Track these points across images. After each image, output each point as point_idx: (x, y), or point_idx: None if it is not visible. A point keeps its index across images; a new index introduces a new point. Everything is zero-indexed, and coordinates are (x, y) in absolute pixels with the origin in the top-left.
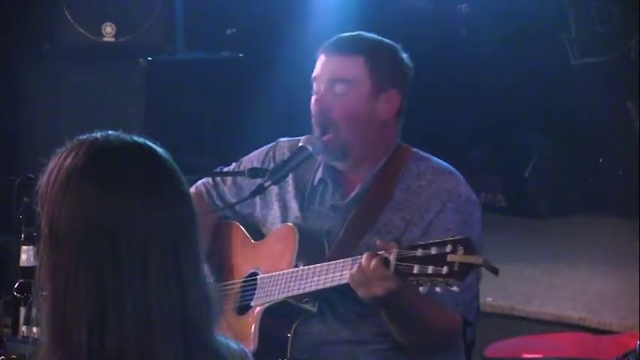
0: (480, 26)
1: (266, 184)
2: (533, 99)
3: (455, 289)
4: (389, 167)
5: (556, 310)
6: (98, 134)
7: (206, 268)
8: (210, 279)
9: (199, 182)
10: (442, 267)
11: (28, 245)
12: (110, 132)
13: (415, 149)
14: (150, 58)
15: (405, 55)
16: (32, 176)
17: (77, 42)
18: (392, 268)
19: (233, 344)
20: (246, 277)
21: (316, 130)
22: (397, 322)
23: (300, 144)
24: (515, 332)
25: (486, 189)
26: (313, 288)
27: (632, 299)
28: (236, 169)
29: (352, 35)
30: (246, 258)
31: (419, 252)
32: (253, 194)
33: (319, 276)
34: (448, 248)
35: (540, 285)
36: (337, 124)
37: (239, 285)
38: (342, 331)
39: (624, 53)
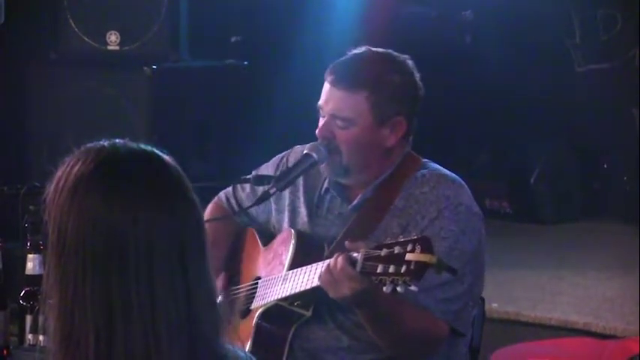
0: (485, 33)
1: (271, 191)
2: (538, 105)
3: (413, 288)
4: (394, 177)
5: (561, 315)
6: (105, 142)
7: (221, 276)
8: (222, 286)
9: (221, 192)
10: (401, 266)
11: (34, 254)
12: (117, 140)
13: (425, 160)
14: (154, 66)
15: (413, 73)
16: (38, 185)
17: (82, 50)
18: (358, 268)
19: (241, 352)
20: (252, 282)
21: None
22: (372, 326)
23: (304, 151)
24: (520, 338)
25: (492, 196)
26: (296, 290)
27: (637, 304)
28: (248, 188)
29: (355, 64)
30: (255, 263)
31: (383, 252)
32: (258, 201)
33: (302, 278)
34: (408, 247)
35: (546, 290)
36: (340, 150)
37: (245, 289)
38: (343, 338)
39: (628, 60)
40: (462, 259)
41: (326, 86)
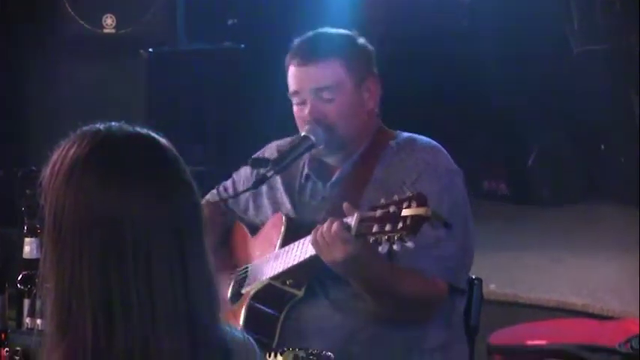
0: (482, 15)
1: (269, 174)
2: (536, 88)
3: (410, 244)
4: (370, 149)
5: (559, 296)
6: (101, 125)
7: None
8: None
9: (208, 194)
10: (397, 223)
11: (31, 237)
12: (113, 123)
13: (398, 131)
14: (151, 50)
15: (363, 40)
16: (34, 168)
17: (78, 34)
18: (353, 231)
19: (238, 333)
20: (243, 267)
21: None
22: (369, 293)
23: (302, 133)
24: (519, 319)
25: (489, 178)
26: (289, 264)
27: (634, 285)
28: (230, 187)
29: (317, 39)
30: (245, 251)
31: (378, 212)
32: (255, 185)
33: (294, 252)
34: (404, 204)
35: (544, 272)
36: (333, 125)
37: (236, 275)
38: (335, 317)
39: (626, 42)
40: (449, 217)
41: (295, 70)
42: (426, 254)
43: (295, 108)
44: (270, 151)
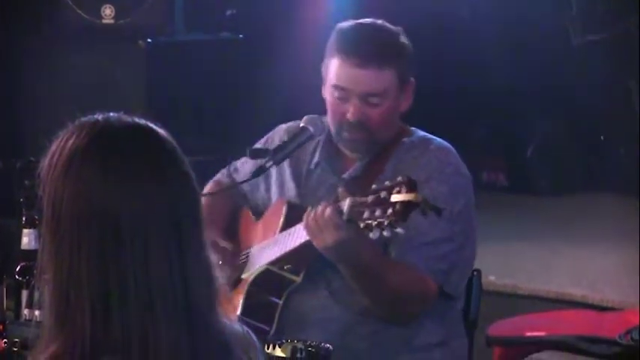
0: (482, 6)
1: (267, 165)
2: (535, 78)
3: (399, 230)
4: (386, 146)
5: (559, 287)
6: (99, 116)
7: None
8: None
9: (218, 174)
10: (387, 208)
11: (30, 228)
12: (111, 113)
13: (413, 128)
14: (149, 40)
15: (405, 40)
16: (33, 159)
17: (76, 24)
18: (345, 216)
19: (237, 327)
20: (244, 253)
21: (337, 127)
22: (357, 282)
23: (301, 124)
24: (518, 310)
25: (488, 168)
26: (286, 249)
27: (634, 276)
28: (240, 168)
29: (374, 40)
30: (249, 237)
31: (370, 198)
32: (254, 175)
33: (291, 237)
34: (394, 190)
35: (543, 263)
36: (373, 129)
37: (236, 262)
38: (334, 308)
39: (626, 30)
40: (451, 219)
41: (345, 67)
42: (419, 252)
43: (332, 99)
44: (279, 134)
